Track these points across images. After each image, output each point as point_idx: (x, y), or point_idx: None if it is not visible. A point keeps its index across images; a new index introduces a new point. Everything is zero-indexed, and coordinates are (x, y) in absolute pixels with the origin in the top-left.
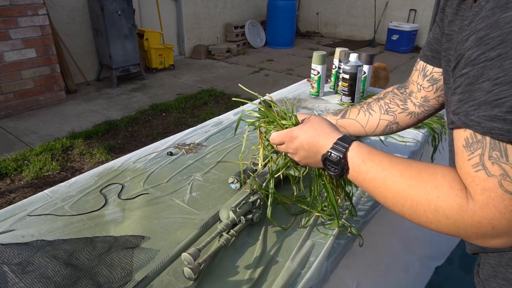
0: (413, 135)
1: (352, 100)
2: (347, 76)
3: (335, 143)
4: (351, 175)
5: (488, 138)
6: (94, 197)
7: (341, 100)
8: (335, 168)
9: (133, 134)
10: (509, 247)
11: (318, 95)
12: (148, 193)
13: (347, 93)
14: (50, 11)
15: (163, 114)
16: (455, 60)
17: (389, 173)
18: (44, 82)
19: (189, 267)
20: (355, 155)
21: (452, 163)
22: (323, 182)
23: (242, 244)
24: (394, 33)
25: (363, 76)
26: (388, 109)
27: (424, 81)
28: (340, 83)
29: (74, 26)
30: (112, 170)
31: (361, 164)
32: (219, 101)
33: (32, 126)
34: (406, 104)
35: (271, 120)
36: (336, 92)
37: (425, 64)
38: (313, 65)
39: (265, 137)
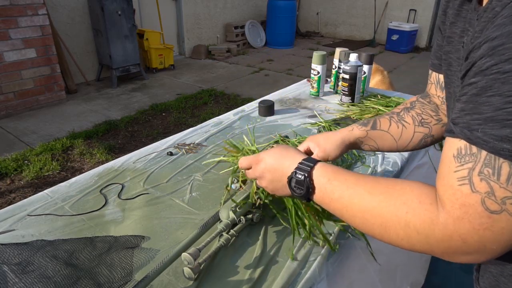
0: None
1: (352, 100)
2: (347, 76)
3: (300, 163)
4: (317, 196)
5: (484, 153)
6: (94, 197)
7: (341, 100)
8: (300, 189)
9: (133, 134)
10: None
11: (318, 95)
12: (148, 193)
13: (347, 93)
14: (50, 11)
15: (163, 114)
16: (465, 68)
17: (356, 191)
18: (44, 82)
19: (189, 267)
20: (321, 174)
21: None
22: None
23: (242, 244)
24: (394, 33)
25: (363, 76)
26: (422, 121)
27: (443, 93)
28: (340, 83)
29: (74, 26)
30: (112, 170)
31: (327, 183)
32: (219, 101)
33: (32, 126)
34: (439, 115)
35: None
36: (336, 92)
37: (437, 74)
38: (313, 65)
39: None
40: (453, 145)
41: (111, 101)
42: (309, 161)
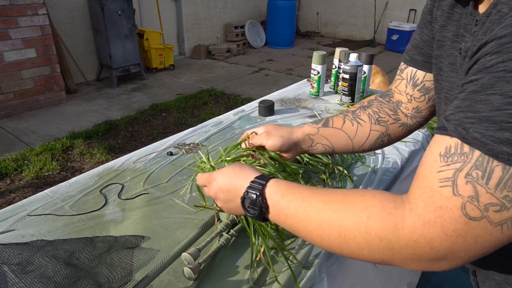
0: (413, 135)
1: (352, 100)
2: (347, 76)
3: (252, 182)
4: (272, 213)
5: (477, 154)
6: (94, 197)
7: (341, 100)
8: (254, 209)
9: (133, 134)
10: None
11: (318, 95)
12: (148, 193)
13: (347, 93)
14: (50, 11)
15: (163, 114)
16: (467, 66)
17: (311, 203)
18: (44, 82)
19: (189, 267)
20: (273, 191)
21: None
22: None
23: (242, 244)
24: (394, 33)
25: (363, 76)
26: (379, 119)
27: (414, 91)
28: (340, 83)
29: (74, 26)
30: (112, 170)
31: (281, 199)
32: (219, 101)
33: (32, 126)
34: (397, 115)
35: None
36: (336, 92)
37: (414, 71)
38: (313, 65)
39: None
40: (442, 143)
41: (111, 101)
42: (262, 178)
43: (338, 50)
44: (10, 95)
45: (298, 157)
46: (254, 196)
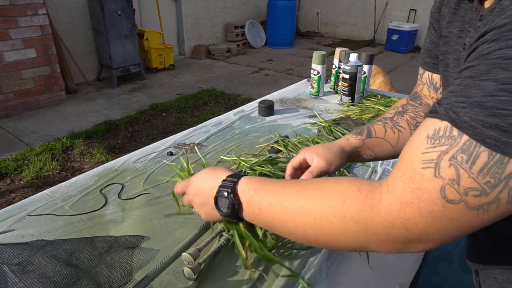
0: None
1: (352, 100)
2: (347, 76)
3: (223, 180)
4: (246, 211)
5: (465, 138)
6: (94, 197)
7: (341, 100)
8: (227, 207)
9: (133, 134)
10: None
11: (318, 95)
12: (148, 193)
13: (347, 93)
14: (50, 11)
15: (163, 114)
16: (466, 55)
17: (284, 195)
18: (44, 82)
19: (189, 267)
20: (246, 187)
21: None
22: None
23: None
24: (394, 33)
25: (363, 76)
26: (417, 124)
27: (437, 94)
28: (340, 83)
29: (74, 26)
30: (112, 170)
31: (253, 194)
32: (219, 101)
33: (32, 126)
34: None
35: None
36: (336, 92)
37: (430, 74)
38: (313, 65)
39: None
40: (431, 125)
41: (111, 101)
42: (233, 176)
43: (338, 50)
44: (10, 95)
45: None
46: (226, 194)
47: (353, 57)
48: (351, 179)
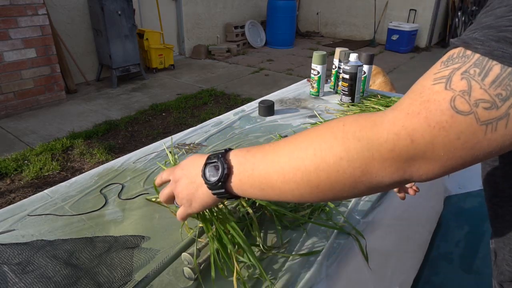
0: None
1: (352, 100)
2: (347, 76)
3: (213, 152)
4: (237, 173)
5: (477, 56)
6: (94, 197)
7: (341, 100)
8: (216, 174)
9: (133, 134)
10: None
11: (318, 95)
12: (148, 193)
13: (347, 93)
14: (50, 11)
15: (163, 114)
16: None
17: (280, 142)
18: (44, 82)
19: (189, 267)
20: (238, 152)
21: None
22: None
23: None
24: (394, 33)
25: (363, 76)
26: None
27: None
28: (340, 83)
29: (74, 26)
30: (112, 170)
31: (246, 153)
32: (219, 101)
33: (32, 126)
34: None
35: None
36: (336, 92)
37: None
38: (313, 65)
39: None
40: (446, 54)
41: (111, 101)
42: (223, 149)
43: (338, 50)
44: (10, 95)
45: None
46: (216, 159)
47: (353, 57)
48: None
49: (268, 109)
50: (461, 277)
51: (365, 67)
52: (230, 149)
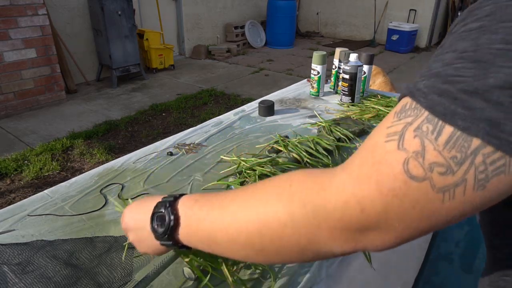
0: None
1: (352, 100)
2: (347, 76)
3: (163, 197)
4: (184, 225)
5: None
6: (94, 197)
7: (341, 100)
8: (162, 225)
9: (133, 134)
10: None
11: (318, 95)
12: (148, 193)
13: (347, 93)
14: (50, 11)
15: (163, 114)
16: None
17: (227, 196)
18: (44, 82)
19: (189, 267)
20: (187, 200)
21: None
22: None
23: None
24: (394, 33)
25: (363, 76)
26: None
27: None
28: (340, 83)
29: (74, 26)
30: (112, 170)
31: (194, 204)
32: (219, 101)
33: (32, 126)
34: None
35: None
36: (336, 92)
37: None
38: (313, 65)
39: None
40: (399, 104)
41: (111, 101)
42: (172, 196)
43: (338, 50)
44: (10, 95)
45: (298, 157)
46: (163, 209)
47: (353, 57)
48: (301, 171)
49: (268, 109)
50: (461, 277)
51: (365, 67)
52: (181, 195)
